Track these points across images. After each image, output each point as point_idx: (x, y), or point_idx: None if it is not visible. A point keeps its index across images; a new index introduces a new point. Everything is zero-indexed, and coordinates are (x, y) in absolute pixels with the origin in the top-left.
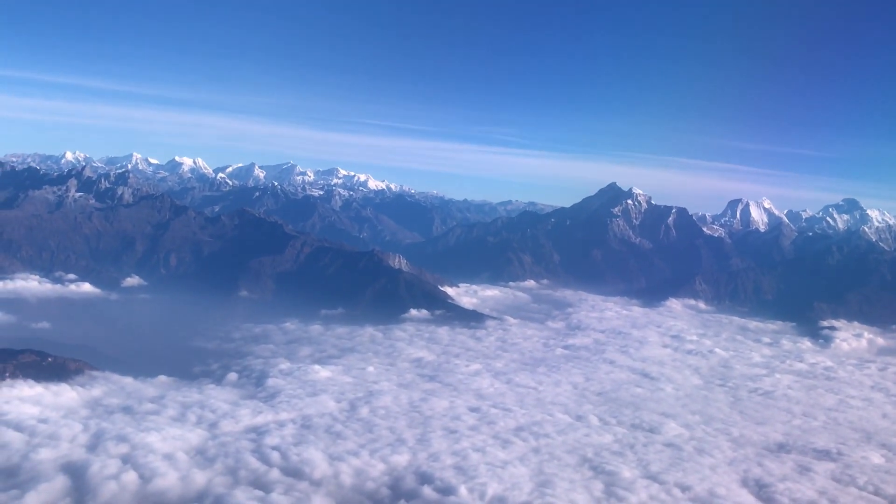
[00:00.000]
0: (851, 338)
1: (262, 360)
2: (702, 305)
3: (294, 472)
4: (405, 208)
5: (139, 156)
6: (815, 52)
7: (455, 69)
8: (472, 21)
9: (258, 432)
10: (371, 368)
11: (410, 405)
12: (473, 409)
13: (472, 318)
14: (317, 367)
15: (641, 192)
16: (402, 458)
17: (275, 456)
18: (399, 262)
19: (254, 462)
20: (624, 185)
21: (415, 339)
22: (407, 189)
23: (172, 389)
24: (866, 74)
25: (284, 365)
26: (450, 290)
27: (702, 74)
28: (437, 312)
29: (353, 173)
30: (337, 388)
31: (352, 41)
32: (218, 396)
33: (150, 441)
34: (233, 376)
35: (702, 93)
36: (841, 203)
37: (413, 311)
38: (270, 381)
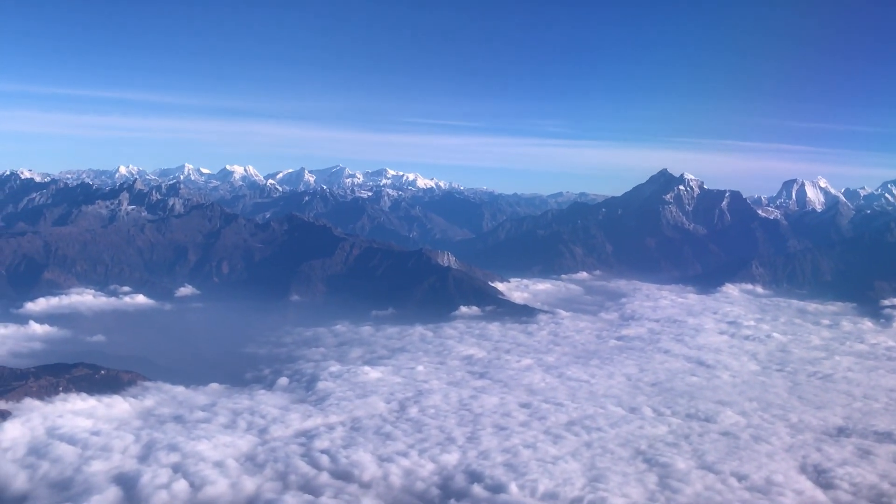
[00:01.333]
0: None
1: (313, 364)
2: (759, 290)
3: (343, 475)
4: (454, 205)
5: (191, 166)
6: (864, 24)
7: (499, 63)
8: (514, 13)
9: (308, 436)
10: (421, 368)
11: (460, 403)
12: (524, 405)
13: (523, 313)
14: (367, 368)
15: (693, 177)
16: (451, 458)
17: (324, 459)
18: (448, 259)
19: (303, 466)
20: (675, 171)
21: (465, 336)
22: (456, 186)
23: (224, 397)
24: None
25: (334, 367)
26: (500, 286)
27: (750, 54)
28: (488, 308)
29: (401, 173)
30: (387, 388)
31: (395, 41)
32: (268, 402)
33: (200, 449)
34: (284, 381)
35: (751, 73)
36: None
37: (463, 309)
38: (320, 385)
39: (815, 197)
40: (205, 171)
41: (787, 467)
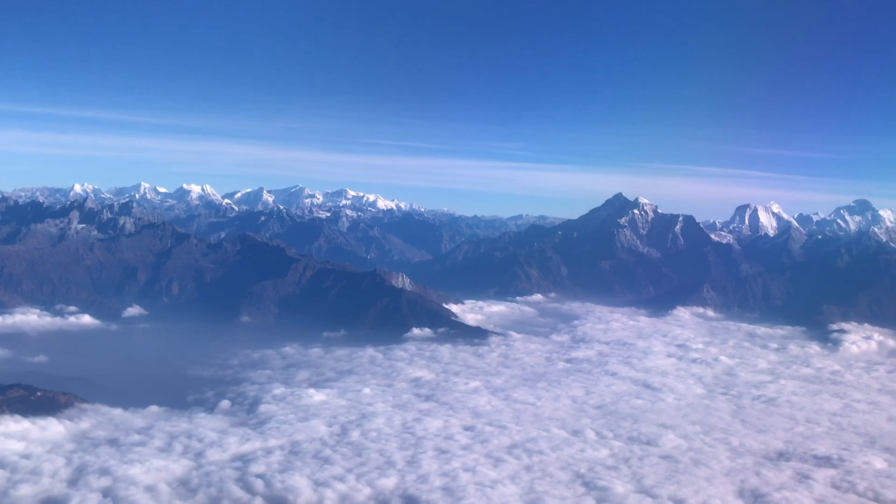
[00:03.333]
0: (861, 340)
1: (258, 387)
2: (710, 313)
3: (277, 500)
4: (414, 227)
5: (147, 185)
6: (819, 53)
7: (462, 86)
8: (475, 38)
9: (244, 460)
10: (367, 390)
11: (403, 426)
12: (468, 428)
13: (475, 335)
14: (311, 390)
15: (648, 201)
16: (389, 482)
17: (258, 484)
18: (402, 280)
19: (237, 491)
20: (632, 194)
21: (415, 358)
22: (417, 207)
23: (162, 419)
24: (873, 73)
25: (278, 390)
26: (454, 308)
27: (706, 81)
28: (440, 330)
29: (361, 194)
30: (330, 411)
31: (357, 62)
32: (207, 425)
33: (132, 473)
34: (225, 404)
35: (707, 99)
36: (852, 204)
37: (415, 330)
38: (262, 408)
39: (767, 222)
40: (161, 189)
41: (724, 491)
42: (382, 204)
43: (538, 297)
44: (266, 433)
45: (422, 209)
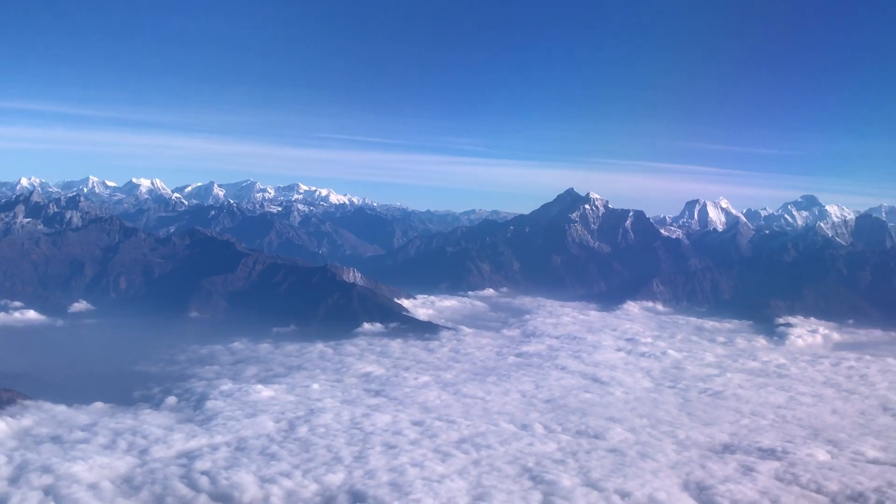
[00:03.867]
0: (806, 334)
1: (205, 382)
2: (659, 307)
3: (222, 497)
4: (366, 221)
5: (96, 179)
6: (768, 51)
7: (415, 81)
8: (428, 33)
9: (190, 457)
10: (316, 386)
11: (352, 422)
12: (417, 423)
13: (426, 330)
14: (259, 386)
15: (598, 196)
16: (336, 478)
17: (203, 481)
18: (354, 276)
19: (181, 488)
20: (584, 189)
21: (365, 353)
22: (370, 202)
23: (106, 416)
24: (821, 71)
25: (226, 386)
26: (406, 303)
27: (657, 78)
28: (392, 325)
29: (314, 188)
30: (278, 407)
31: (309, 56)
32: (153, 421)
33: (75, 471)
34: (172, 400)
35: (658, 96)
36: (800, 200)
37: (366, 325)
38: (209, 404)
39: (716, 217)
40: (110, 183)
41: (670, 484)
42: (335, 198)
43: (490, 291)
44: (212, 429)
45: (375, 204)
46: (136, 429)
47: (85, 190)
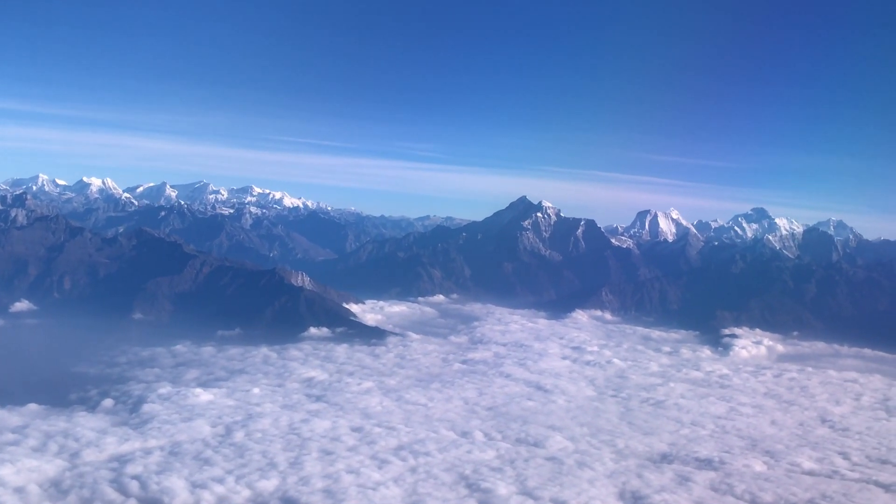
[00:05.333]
0: (751, 345)
1: (144, 385)
2: (608, 316)
3: (152, 502)
4: (319, 225)
5: (45, 177)
6: (721, 64)
7: (371, 85)
8: (386, 38)
9: (121, 461)
10: (256, 390)
11: (290, 427)
12: (356, 429)
13: (373, 335)
14: (199, 390)
15: (551, 204)
16: (269, 484)
17: (133, 485)
18: (302, 279)
19: (110, 492)
20: (537, 197)
21: (310, 358)
22: (324, 206)
23: (39, 418)
24: (772, 85)
25: (164, 389)
26: (355, 307)
27: (611, 88)
28: (338, 330)
29: (267, 191)
30: (216, 411)
31: (266, 57)
32: (86, 424)
33: (2, 474)
34: (108, 402)
35: (612, 107)
36: (750, 212)
37: (313, 330)
38: (146, 407)
39: (667, 228)
40: (61, 182)
41: (606, 493)
42: (289, 202)
43: (440, 297)
44: (147, 433)
45: (329, 208)
46: (68, 431)
47: (34, 188)
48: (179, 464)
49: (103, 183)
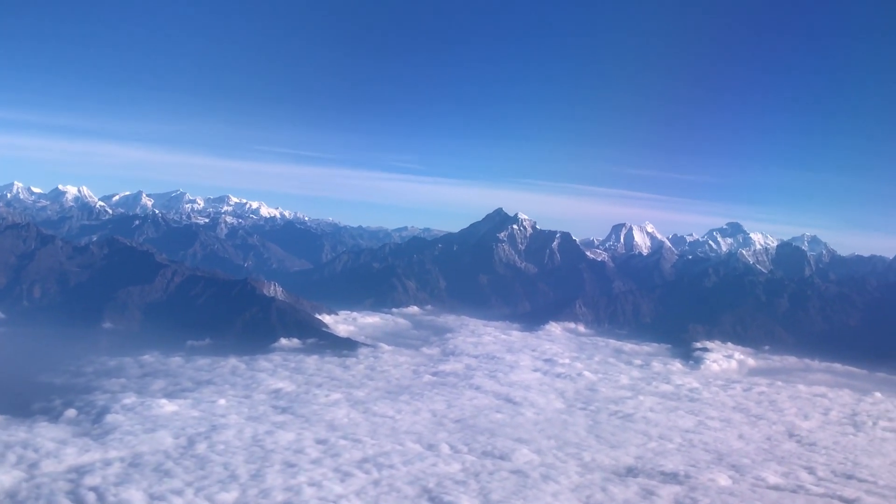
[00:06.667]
0: (722, 359)
1: (109, 395)
2: (581, 329)
3: None
4: (295, 235)
5: (20, 185)
6: (695, 79)
7: (350, 95)
8: (366, 49)
9: (80, 472)
10: (222, 401)
11: (254, 439)
12: (321, 441)
13: (344, 347)
14: (163, 400)
15: (526, 217)
16: (229, 496)
17: (90, 497)
18: (274, 290)
19: None
20: (513, 210)
21: (279, 369)
22: (301, 216)
23: (0, 428)
24: (747, 100)
25: (129, 400)
26: (327, 318)
27: (588, 102)
28: (309, 341)
29: (244, 200)
30: (180, 422)
31: (246, 66)
32: (47, 434)
33: None
34: (71, 413)
35: (589, 120)
36: (725, 227)
37: (283, 341)
38: (109, 418)
39: (642, 241)
40: (36, 190)
41: None
42: (266, 211)
43: (414, 309)
44: (107, 444)
45: (306, 218)
46: (28, 442)
47: (9, 196)
48: (139, 475)
49: (79, 191)
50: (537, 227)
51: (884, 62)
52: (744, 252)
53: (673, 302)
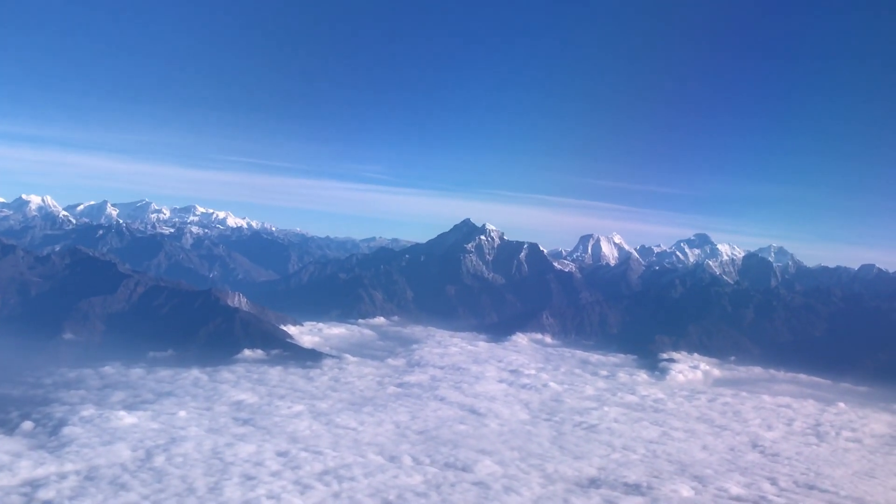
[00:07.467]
0: (688, 369)
1: (67, 407)
2: (548, 339)
3: None
4: (262, 246)
5: None
6: (663, 92)
7: (318, 105)
8: (330, 58)
9: (34, 485)
10: (183, 413)
11: (213, 451)
12: (281, 454)
13: (308, 358)
14: (122, 413)
15: (494, 227)
16: None
17: None
18: (239, 300)
19: None
20: (480, 220)
21: (242, 380)
22: (268, 226)
23: None
24: (715, 112)
25: (87, 412)
26: (292, 329)
27: (556, 113)
28: (274, 352)
29: (211, 210)
30: (138, 435)
31: (210, 76)
32: (2, 447)
33: None
34: (28, 425)
35: (557, 131)
36: (692, 238)
37: (247, 352)
38: (66, 430)
39: (609, 252)
40: None
41: None
42: (233, 221)
43: (381, 320)
44: (63, 457)
45: (273, 228)
46: None
47: None
48: (94, 489)
49: (43, 200)
50: (505, 237)
51: (848, 79)
52: (711, 263)
53: (640, 313)
